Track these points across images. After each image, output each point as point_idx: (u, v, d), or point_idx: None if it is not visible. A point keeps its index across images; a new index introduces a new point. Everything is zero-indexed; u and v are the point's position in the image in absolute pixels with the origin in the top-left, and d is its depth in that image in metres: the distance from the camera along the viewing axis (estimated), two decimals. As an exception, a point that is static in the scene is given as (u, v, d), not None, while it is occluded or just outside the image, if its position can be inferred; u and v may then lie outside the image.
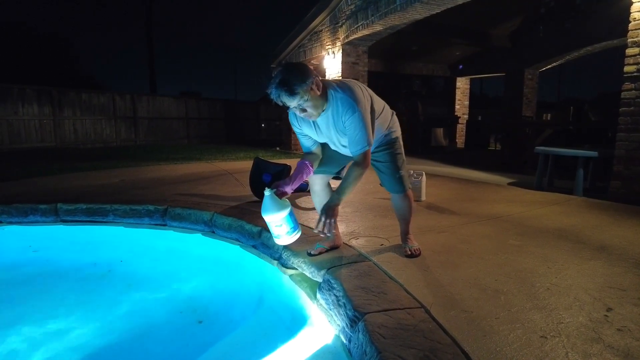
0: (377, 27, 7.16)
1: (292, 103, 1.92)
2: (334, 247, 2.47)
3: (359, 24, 7.36)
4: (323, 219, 1.92)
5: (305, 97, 1.92)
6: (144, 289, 2.67)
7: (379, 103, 2.32)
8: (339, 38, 8.13)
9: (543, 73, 10.97)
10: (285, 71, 1.91)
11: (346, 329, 1.72)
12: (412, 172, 4.02)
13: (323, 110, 2.04)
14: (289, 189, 2.04)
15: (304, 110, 1.98)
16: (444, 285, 1.99)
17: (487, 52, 11.46)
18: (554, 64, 10.54)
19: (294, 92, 1.88)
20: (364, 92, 2.15)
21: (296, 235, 2.11)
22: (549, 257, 2.42)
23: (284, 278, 2.41)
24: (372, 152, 2.29)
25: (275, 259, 2.58)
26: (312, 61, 9.99)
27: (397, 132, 2.43)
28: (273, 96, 1.91)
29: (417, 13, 6.40)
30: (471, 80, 13.48)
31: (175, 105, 14.72)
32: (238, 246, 2.94)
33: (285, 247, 2.58)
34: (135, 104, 13.55)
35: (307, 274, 2.30)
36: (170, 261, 3.08)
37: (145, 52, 20.21)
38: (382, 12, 6.69)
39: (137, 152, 10.04)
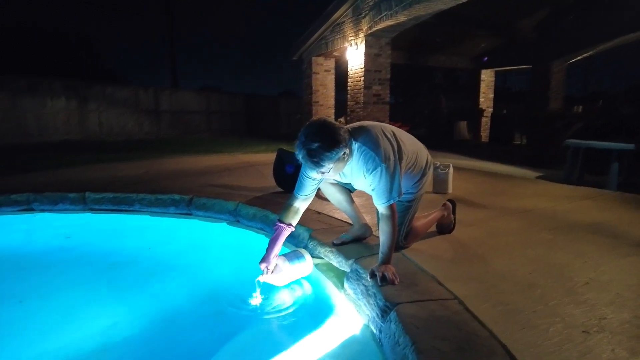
0: (401, 18, 7.03)
1: (323, 169, 1.86)
2: (359, 239, 2.43)
3: (383, 14, 7.24)
4: (380, 276, 1.80)
5: (330, 167, 1.85)
6: (169, 276, 2.68)
7: (412, 147, 2.19)
8: (361, 29, 8.03)
9: (570, 65, 10.60)
10: (317, 138, 1.78)
11: (376, 319, 1.69)
12: (438, 164, 3.93)
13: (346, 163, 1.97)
14: (270, 262, 2.10)
15: (322, 173, 1.91)
16: (476, 278, 1.93)
17: (513, 44, 11.14)
18: (585, 54, 10.17)
19: (320, 165, 1.82)
20: (391, 140, 2.03)
21: (308, 261, 2.28)
22: (583, 252, 2.33)
23: (310, 267, 2.39)
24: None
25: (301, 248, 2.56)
26: (334, 53, 9.91)
27: (425, 186, 2.32)
28: (299, 156, 1.85)
29: (443, 3, 6.25)
30: (495, 73, 13.16)
31: (197, 100, 14.88)
32: (263, 235, 2.95)
33: (312, 237, 2.56)
34: (158, 98, 13.76)
35: (334, 263, 2.28)
36: (195, 249, 3.11)
37: (166, 47, 20.44)
38: (406, 3, 6.56)
39: (160, 145, 10.19)
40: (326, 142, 1.78)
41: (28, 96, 10.89)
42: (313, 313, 2.10)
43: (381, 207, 1.95)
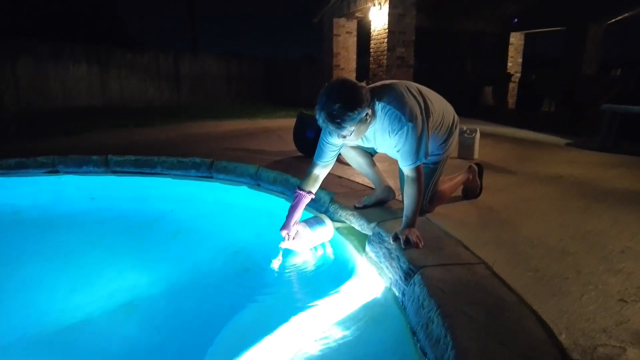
0: (428, -25, 6.65)
1: (345, 132, 1.77)
2: (382, 202, 2.36)
3: (408, -29, 6.86)
4: (404, 239, 1.74)
5: (352, 129, 1.76)
6: (191, 237, 2.71)
7: (438, 104, 2.06)
8: (385, -12, 7.66)
9: (608, 27, 9.91)
10: (338, 99, 1.69)
11: (399, 282, 1.65)
12: (464, 128, 3.79)
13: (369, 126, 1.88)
14: (290, 229, 2.10)
15: (343, 137, 1.82)
16: (505, 243, 1.86)
17: (546, 4, 10.47)
18: (625, 15, 9.48)
19: (342, 127, 1.73)
20: (417, 97, 1.91)
21: (329, 226, 2.26)
22: (619, 219, 2.22)
23: (331, 231, 2.36)
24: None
25: (322, 213, 2.53)
26: (356, 14, 9.56)
27: (451, 147, 2.22)
28: (319, 120, 1.76)
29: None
30: (526, 35, 12.46)
31: (217, 65, 14.70)
32: (283, 199, 2.93)
33: (333, 200, 2.52)
34: (177, 63, 13.65)
35: (356, 226, 2.24)
36: (216, 211, 3.13)
37: (186, 11, 20.11)
38: (434, -42, 6.18)
39: (181, 110, 10.20)
40: (348, 102, 1.69)
41: (51, 62, 10.95)
42: (334, 275, 2.09)
43: (407, 169, 1.87)
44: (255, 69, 15.89)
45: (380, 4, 7.89)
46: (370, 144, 2.07)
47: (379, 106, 1.85)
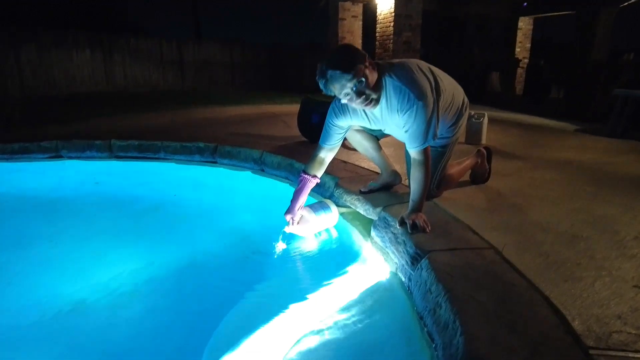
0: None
1: (348, 84, 1.67)
2: (388, 186, 2.32)
3: (416, -47, 6.69)
4: (411, 224, 1.69)
5: (362, 77, 1.68)
6: (195, 222, 2.69)
7: (449, 85, 1.99)
8: (392, -30, 7.49)
9: (620, 11, 9.65)
10: (335, 51, 1.77)
11: (406, 267, 1.61)
12: (472, 113, 3.71)
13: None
14: (295, 213, 2.08)
15: (361, 94, 1.71)
16: (514, 228, 1.82)
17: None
18: (638, -3, 9.21)
19: (350, 69, 1.65)
20: (428, 75, 1.84)
21: (334, 211, 2.23)
22: (632, 205, 2.16)
23: (336, 216, 2.32)
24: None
25: (326, 198, 2.49)
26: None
27: (460, 130, 2.15)
28: (328, 76, 1.69)
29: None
30: (535, 20, 12.20)
31: (221, 52, 14.56)
32: (287, 184, 2.89)
33: (338, 185, 2.48)
34: (181, 50, 13.54)
35: (361, 211, 2.20)
36: (221, 196, 3.10)
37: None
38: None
39: (185, 96, 10.15)
40: (345, 58, 1.70)
41: (54, 49, 10.89)
42: (339, 261, 2.06)
43: (414, 151, 1.81)
44: (259, 56, 15.72)
45: (386, -14, 7.73)
46: (378, 124, 2.02)
47: (387, 83, 1.79)
